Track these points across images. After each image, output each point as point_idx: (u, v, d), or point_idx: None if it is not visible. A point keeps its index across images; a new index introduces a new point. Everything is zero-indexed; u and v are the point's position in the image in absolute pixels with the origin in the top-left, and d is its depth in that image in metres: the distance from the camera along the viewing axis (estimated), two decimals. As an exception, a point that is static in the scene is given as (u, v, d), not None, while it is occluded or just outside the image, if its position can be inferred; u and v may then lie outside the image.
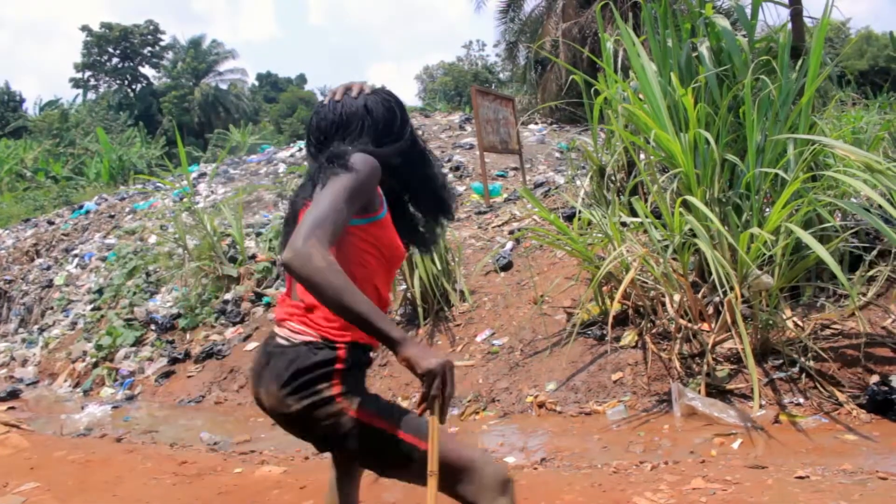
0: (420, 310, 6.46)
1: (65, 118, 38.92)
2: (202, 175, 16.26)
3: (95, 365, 8.41)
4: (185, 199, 12.12)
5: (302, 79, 64.21)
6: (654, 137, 4.84)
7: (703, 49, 5.26)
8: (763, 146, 4.82)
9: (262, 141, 31.18)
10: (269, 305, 8.34)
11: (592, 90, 6.12)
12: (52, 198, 22.87)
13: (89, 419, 6.68)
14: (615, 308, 4.74)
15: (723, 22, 5.37)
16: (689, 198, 4.47)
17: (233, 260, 9.31)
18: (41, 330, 10.46)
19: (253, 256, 9.37)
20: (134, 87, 53.48)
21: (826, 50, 4.91)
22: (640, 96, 5.28)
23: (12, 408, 7.53)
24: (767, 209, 4.73)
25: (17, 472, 4.35)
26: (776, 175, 4.68)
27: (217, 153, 30.89)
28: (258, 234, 10.27)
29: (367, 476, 3.58)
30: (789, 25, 5.73)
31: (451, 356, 5.67)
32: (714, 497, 3.00)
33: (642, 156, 5.61)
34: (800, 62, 5.13)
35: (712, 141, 4.55)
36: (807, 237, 3.97)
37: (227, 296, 8.81)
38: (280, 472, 3.98)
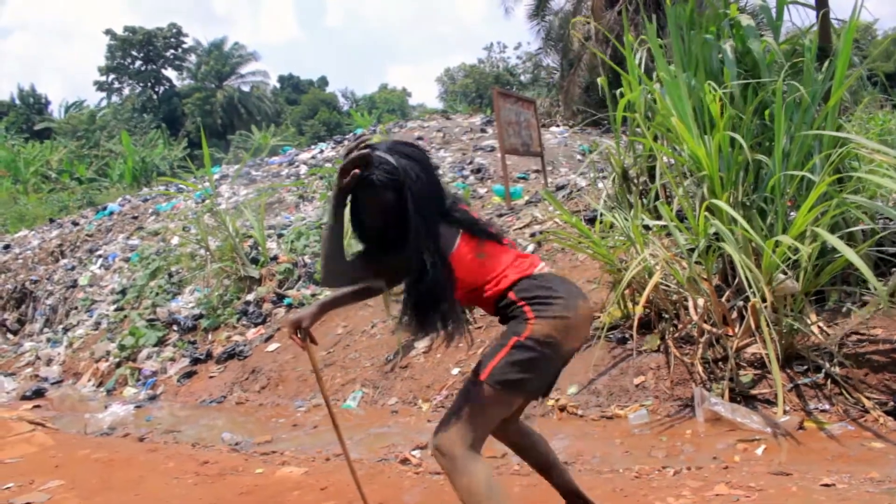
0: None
1: (92, 120, 39.39)
2: (224, 177, 16.38)
3: (118, 365, 8.50)
4: (207, 201, 12.21)
5: (323, 81, 64.51)
6: (679, 141, 4.80)
7: (728, 49, 5.21)
8: (789, 149, 4.77)
9: (283, 143, 31.40)
10: (290, 306, 8.37)
11: (617, 92, 6.09)
12: (76, 199, 23.17)
13: (112, 418, 6.74)
14: (639, 312, 4.71)
15: (748, 22, 5.32)
16: (715, 201, 4.43)
17: (255, 261, 9.36)
18: (65, 330, 10.58)
19: (275, 258, 9.42)
20: (157, 89, 54.03)
21: (853, 51, 4.84)
22: (665, 97, 5.24)
23: (37, 406, 7.63)
24: (793, 213, 4.68)
25: (42, 469, 4.39)
26: (802, 179, 4.62)
27: (239, 154, 31.14)
28: (280, 236, 10.33)
29: (386, 474, 3.57)
30: (815, 27, 5.66)
31: (471, 359, 5.67)
32: (738, 503, 2.97)
33: (666, 158, 5.57)
34: (826, 63, 5.07)
35: (744, 143, 4.49)
36: (835, 241, 3.92)
37: (249, 297, 8.86)
38: (301, 473, 3.99)
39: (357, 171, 2.18)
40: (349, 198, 2.27)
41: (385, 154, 2.22)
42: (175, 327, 8.89)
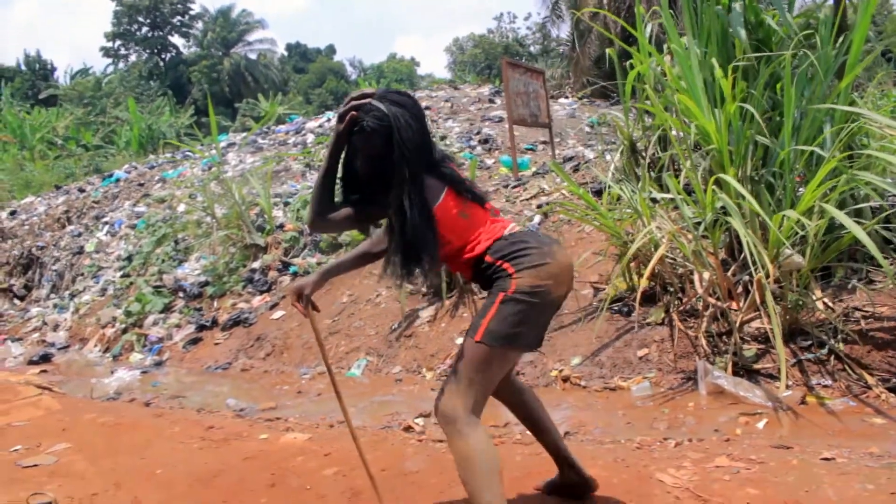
0: (444, 284, 6.46)
1: (98, 87, 39.25)
2: (231, 144, 16.33)
3: (125, 331, 8.55)
4: (213, 169, 12.18)
5: (331, 49, 64.08)
6: (689, 114, 4.76)
7: (741, 23, 5.14)
8: (799, 124, 4.72)
9: (290, 111, 31.26)
10: (295, 274, 8.39)
11: (627, 63, 6.03)
12: (82, 166, 23.16)
13: (118, 384, 6.80)
14: (643, 285, 4.70)
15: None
16: (722, 176, 4.40)
17: (260, 229, 9.37)
18: (72, 296, 10.63)
19: (281, 226, 9.42)
20: (164, 56, 53.70)
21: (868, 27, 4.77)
22: (676, 70, 5.18)
23: (44, 371, 7.69)
24: (801, 188, 4.65)
25: (50, 433, 4.44)
26: (811, 154, 4.59)
27: (246, 123, 31.04)
28: (286, 204, 10.32)
29: (386, 446, 3.59)
30: (831, 0, 5.57)
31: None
32: (738, 476, 2.98)
33: (675, 131, 5.53)
34: (841, 38, 5.00)
35: (757, 115, 4.45)
36: (843, 217, 3.90)
37: (255, 264, 8.88)
38: (305, 439, 4.02)
39: (354, 114, 2.28)
40: (345, 145, 2.36)
41: (377, 101, 2.29)
42: (181, 294, 8.92)
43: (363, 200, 2.39)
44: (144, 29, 52.73)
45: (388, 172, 2.29)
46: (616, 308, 5.40)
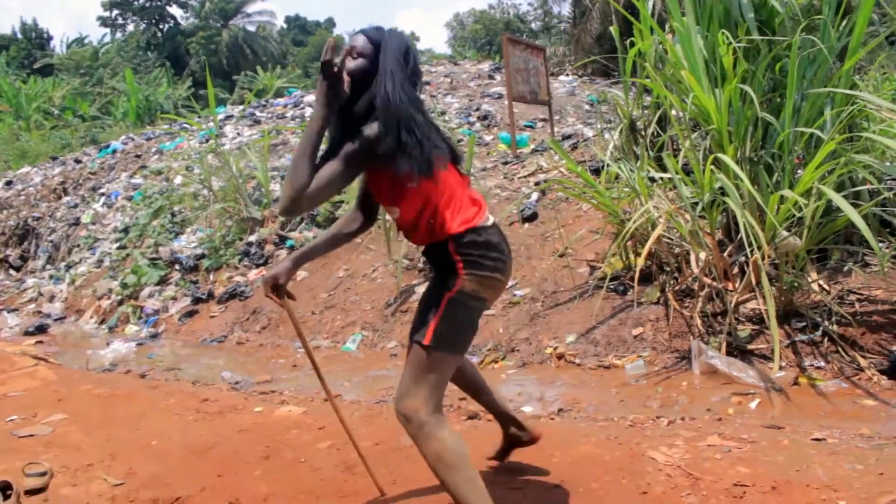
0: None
1: (95, 57, 38.93)
2: (229, 117, 16.25)
3: (121, 302, 8.56)
4: (210, 141, 12.13)
5: (331, 22, 63.61)
6: (689, 94, 4.73)
7: (745, 1, 5.10)
8: (800, 106, 4.70)
9: (289, 84, 31.04)
10: (292, 248, 8.39)
11: (628, 42, 5.99)
12: (79, 136, 23.04)
13: (114, 355, 6.82)
14: (640, 264, 4.71)
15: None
16: (720, 156, 4.39)
17: (257, 202, 9.35)
18: (68, 267, 10.62)
19: (277, 199, 9.39)
20: (161, 27, 53.22)
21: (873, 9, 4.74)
22: (678, 49, 5.15)
23: (40, 342, 7.70)
24: (799, 171, 4.64)
25: (45, 403, 4.46)
26: (810, 137, 4.57)
27: (244, 95, 30.82)
28: (283, 178, 10.28)
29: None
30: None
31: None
32: (729, 454, 3.01)
33: (675, 111, 5.51)
34: (844, 21, 4.96)
35: (754, 96, 4.43)
36: (839, 199, 3.89)
37: (251, 238, 8.87)
38: (300, 413, 4.04)
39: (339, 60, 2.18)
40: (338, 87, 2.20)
41: (359, 34, 2.29)
42: (177, 266, 8.92)
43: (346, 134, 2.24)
44: (142, -2, 52.26)
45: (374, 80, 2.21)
46: (612, 286, 5.42)
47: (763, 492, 2.62)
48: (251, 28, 53.12)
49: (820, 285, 4.61)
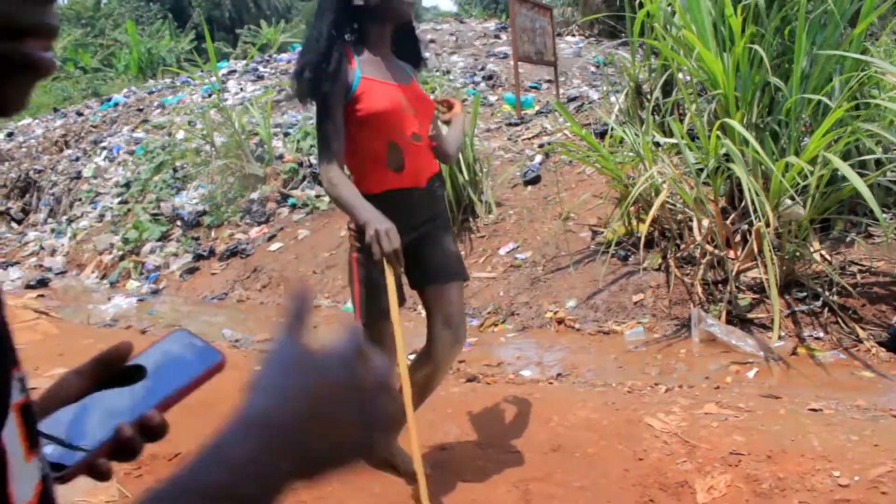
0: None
1: (97, 7, 38.45)
2: (232, 72, 16.07)
3: (122, 258, 8.57)
4: (213, 96, 12.02)
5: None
6: (696, 56, 4.67)
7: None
8: (809, 72, 4.64)
9: (293, 39, 30.67)
10: (294, 207, 8.37)
11: (637, 2, 5.88)
12: (80, 89, 22.85)
13: (115, 310, 6.84)
14: (644, 230, 4.69)
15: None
16: (728, 121, 4.34)
17: (260, 159, 9.30)
18: (69, 221, 10.61)
19: (280, 157, 9.35)
20: (164, -23, 52.41)
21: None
22: (686, 10, 5.06)
23: (42, 296, 7.73)
24: (805, 138, 4.59)
25: (47, 357, 4.48)
26: (818, 104, 4.51)
27: (248, 50, 30.48)
28: (286, 135, 10.21)
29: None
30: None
31: (472, 268, 5.68)
32: (726, 423, 3.02)
33: (681, 74, 5.43)
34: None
35: (766, 57, 4.36)
36: (845, 168, 3.86)
37: (253, 195, 8.84)
38: (299, 373, 4.06)
39: None
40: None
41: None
42: (178, 223, 8.91)
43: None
44: (144, -52, 51.38)
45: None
46: (613, 252, 5.40)
47: (758, 460, 2.64)
48: (255, -20, 52.35)
49: (822, 255, 4.60)
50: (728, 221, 4.73)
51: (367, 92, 2.27)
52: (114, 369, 0.71)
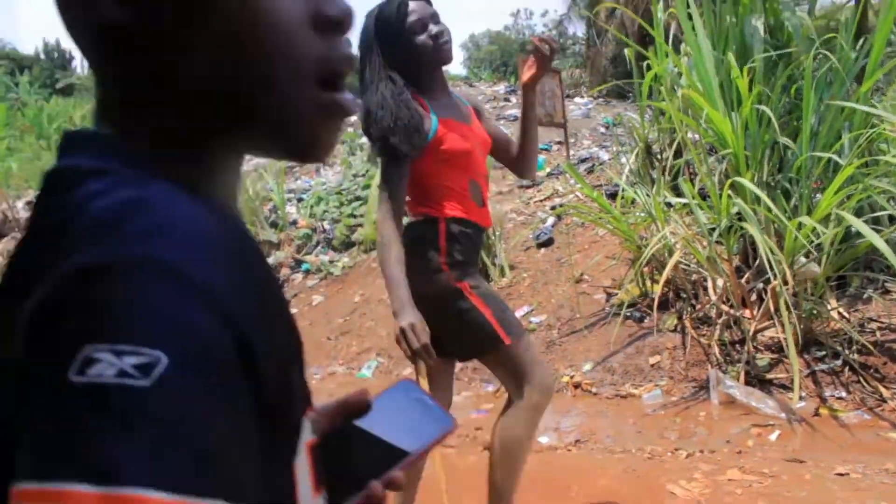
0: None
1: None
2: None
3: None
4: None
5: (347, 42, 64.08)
6: (704, 117, 4.71)
7: (759, 24, 5.08)
8: (817, 130, 4.66)
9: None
10: (307, 272, 8.39)
11: (645, 64, 5.97)
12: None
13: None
14: (658, 291, 4.66)
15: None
16: (740, 179, 4.35)
17: (274, 225, 9.39)
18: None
19: (294, 222, 9.43)
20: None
21: (892, 30, 4.70)
22: (693, 72, 5.13)
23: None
24: (817, 195, 4.59)
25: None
26: (828, 161, 4.53)
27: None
28: (300, 200, 10.32)
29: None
30: (853, 1, 5.50)
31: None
32: (750, 489, 2.95)
33: (691, 134, 5.48)
34: (861, 41, 4.93)
35: (773, 117, 4.39)
36: (861, 225, 3.85)
37: (268, 261, 8.89)
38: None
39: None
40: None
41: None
42: (194, 289, 8.95)
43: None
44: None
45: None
46: (628, 313, 5.37)
47: (785, 530, 2.57)
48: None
49: (840, 313, 4.54)
50: (743, 280, 4.70)
51: (448, 132, 2.25)
52: (352, 415, 0.71)
